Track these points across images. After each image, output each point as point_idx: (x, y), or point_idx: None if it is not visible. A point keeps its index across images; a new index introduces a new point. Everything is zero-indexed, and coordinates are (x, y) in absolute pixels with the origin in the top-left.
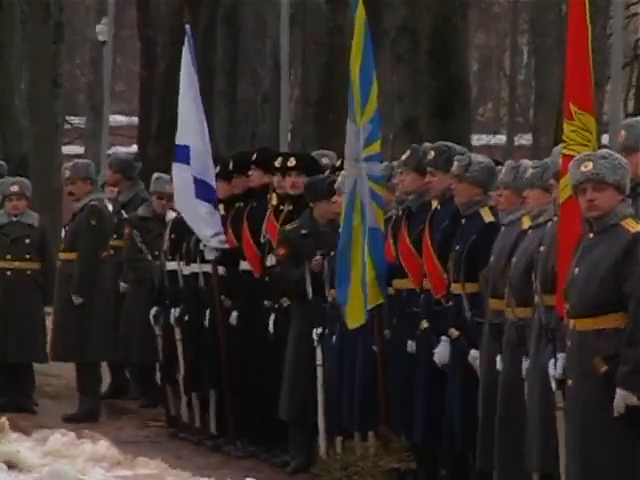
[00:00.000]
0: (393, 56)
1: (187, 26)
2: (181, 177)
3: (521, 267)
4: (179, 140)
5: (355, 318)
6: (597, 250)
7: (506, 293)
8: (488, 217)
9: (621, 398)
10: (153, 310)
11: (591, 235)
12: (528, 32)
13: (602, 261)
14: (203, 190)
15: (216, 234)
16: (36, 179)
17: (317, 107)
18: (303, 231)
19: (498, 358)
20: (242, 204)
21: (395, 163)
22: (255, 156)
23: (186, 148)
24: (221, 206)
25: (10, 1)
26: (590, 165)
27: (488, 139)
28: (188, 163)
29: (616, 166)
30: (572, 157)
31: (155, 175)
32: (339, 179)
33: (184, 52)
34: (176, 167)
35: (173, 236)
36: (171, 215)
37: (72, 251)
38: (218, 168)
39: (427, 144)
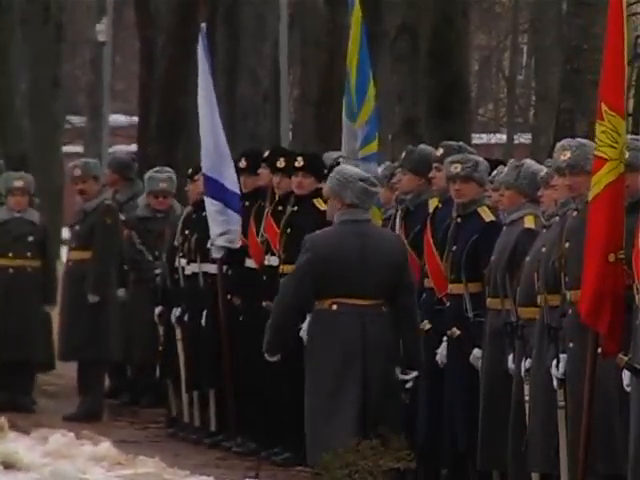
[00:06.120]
0: (393, 56)
1: (203, 25)
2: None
3: (534, 267)
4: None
5: None
6: None
7: (518, 292)
8: (488, 216)
9: None
10: (157, 310)
11: None
12: (528, 31)
13: None
14: (213, 188)
15: (223, 233)
16: (36, 179)
17: (317, 106)
18: None
19: (510, 358)
20: (248, 203)
21: (396, 163)
22: (267, 155)
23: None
24: None
25: (10, 1)
26: None
27: (488, 138)
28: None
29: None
30: (601, 158)
31: (147, 175)
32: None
33: (199, 51)
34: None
35: (186, 232)
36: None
37: (85, 249)
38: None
39: (422, 145)
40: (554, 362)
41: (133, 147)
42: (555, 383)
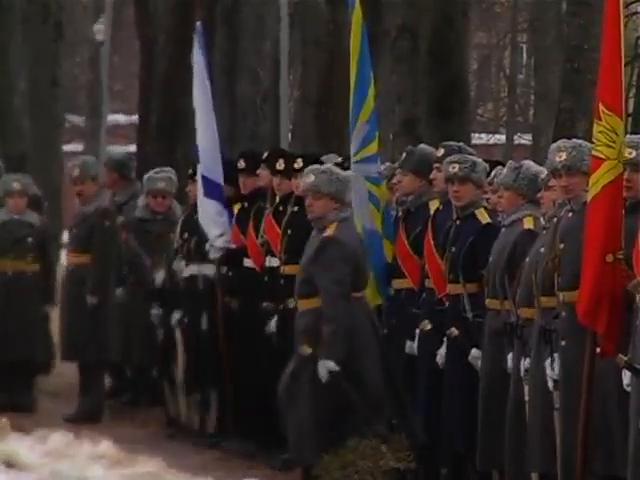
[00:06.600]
0: (393, 56)
1: (198, 24)
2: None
3: (534, 268)
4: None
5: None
6: None
7: (517, 293)
8: (484, 218)
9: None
10: (155, 311)
11: None
12: (528, 31)
13: None
14: (211, 189)
15: (222, 234)
16: (36, 179)
17: (317, 107)
18: None
19: (509, 357)
20: (247, 204)
21: (396, 164)
22: (266, 156)
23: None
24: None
25: (10, 1)
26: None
27: (488, 138)
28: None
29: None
30: (599, 158)
31: (146, 175)
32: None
33: (194, 50)
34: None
35: (185, 234)
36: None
37: (84, 253)
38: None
39: (423, 145)
40: (548, 363)
41: (132, 147)
42: (550, 384)
